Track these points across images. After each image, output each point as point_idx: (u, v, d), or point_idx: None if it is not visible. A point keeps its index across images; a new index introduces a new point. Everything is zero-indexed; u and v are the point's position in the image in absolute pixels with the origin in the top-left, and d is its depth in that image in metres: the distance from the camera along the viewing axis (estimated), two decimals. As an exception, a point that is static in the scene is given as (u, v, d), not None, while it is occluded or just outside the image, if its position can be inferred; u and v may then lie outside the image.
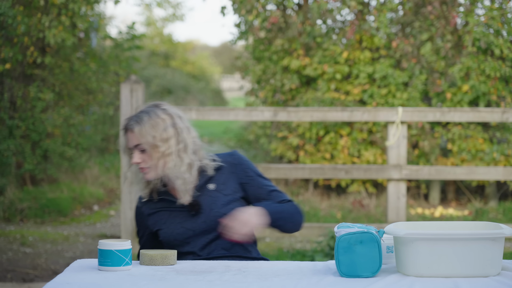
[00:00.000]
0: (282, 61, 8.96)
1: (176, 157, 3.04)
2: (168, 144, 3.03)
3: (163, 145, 3.02)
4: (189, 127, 3.12)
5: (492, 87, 8.09)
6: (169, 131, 3.04)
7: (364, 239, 2.63)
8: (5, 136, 8.40)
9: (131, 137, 3.03)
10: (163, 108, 3.08)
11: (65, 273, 2.74)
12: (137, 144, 3.03)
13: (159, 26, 25.38)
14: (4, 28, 7.98)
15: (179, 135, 3.06)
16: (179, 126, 3.07)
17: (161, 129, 3.03)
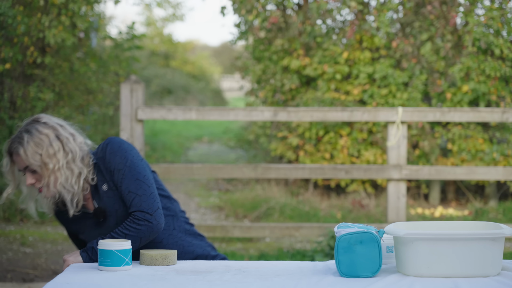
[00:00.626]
0: (282, 61, 8.96)
1: (66, 169, 3.00)
2: (56, 158, 2.98)
3: (51, 161, 2.97)
4: (74, 134, 3.08)
5: (492, 87, 8.09)
6: (54, 145, 2.98)
7: (364, 239, 2.63)
8: (5, 136, 8.40)
9: (18, 160, 2.97)
10: (43, 122, 3.01)
11: (65, 273, 2.74)
12: (26, 166, 2.97)
13: (159, 26, 25.38)
14: (4, 28, 7.98)
15: (65, 146, 3.01)
16: (63, 136, 3.02)
17: (46, 146, 2.97)
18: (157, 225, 2.98)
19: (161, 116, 6.41)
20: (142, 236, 2.97)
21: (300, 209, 8.17)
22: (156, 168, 6.45)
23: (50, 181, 2.98)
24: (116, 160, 3.04)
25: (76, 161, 3.01)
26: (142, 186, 3.00)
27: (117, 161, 3.03)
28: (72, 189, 3.02)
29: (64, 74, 9.31)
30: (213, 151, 14.48)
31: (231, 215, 8.54)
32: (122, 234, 2.96)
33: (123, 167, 3.02)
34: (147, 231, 2.97)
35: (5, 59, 8.09)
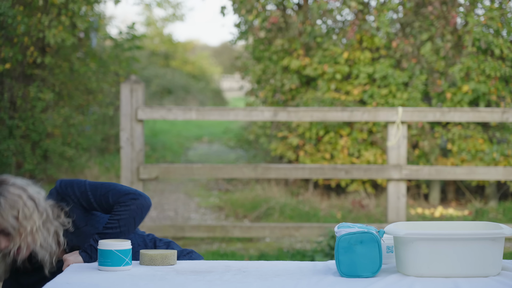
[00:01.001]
0: (282, 61, 8.96)
1: (44, 230, 2.94)
2: (32, 219, 2.91)
3: (28, 222, 2.90)
4: (39, 191, 3.00)
5: (492, 87, 8.09)
6: (29, 205, 2.91)
7: (364, 239, 2.63)
8: (5, 136, 8.40)
9: None
10: (12, 183, 2.92)
11: (65, 273, 2.74)
12: (1, 230, 2.90)
13: (159, 26, 25.38)
14: (4, 28, 7.98)
15: (38, 206, 2.94)
16: (34, 196, 2.94)
17: (21, 207, 2.90)
18: (144, 199, 2.99)
19: (161, 116, 6.41)
20: (135, 216, 2.96)
21: (300, 209, 8.17)
22: (156, 168, 6.45)
23: (28, 241, 2.91)
24: (76, 189, 3.04)
25: (50, 219, 2.96)
26: (110, 184, 3.04)
27: (77, 189, 3.04)
28: (50, 248, 2.97)
29: (64, 74, 9.31)
30: (213, 151, 14.48)
31: (231, 215, 8.54)
32: (115, 221, 2.95)
33: (85, 188, 3.04)
34: (137, 208, 2.97)
35: (5, 59, 8.09)
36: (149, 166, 6.43)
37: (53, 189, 3.09)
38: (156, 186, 10.56)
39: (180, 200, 9.56)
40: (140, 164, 6.40)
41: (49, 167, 8.93)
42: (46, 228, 2.94)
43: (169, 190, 10.32)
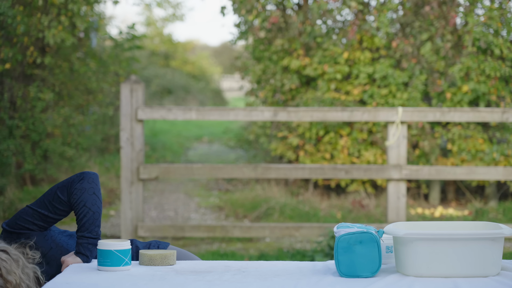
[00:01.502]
0: (282, 61, 8.96)
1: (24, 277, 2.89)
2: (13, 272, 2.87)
3: (12, 276, 2.86)
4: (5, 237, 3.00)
5: (492, 87, 8.09)
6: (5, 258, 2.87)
7: (364, 239, 2.63)
8: (5, 136, 8.40)
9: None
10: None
11: (65, 273, 2.74)
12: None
13: (159, 26, 25.38)
14: (4, 28, 7.98)
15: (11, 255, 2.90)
16: (4, 246, 2.90)
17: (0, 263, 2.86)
18: (88, 172, 3.03)
19: (161, 116, 6.41)
20: (93, 191, 2.99)
21: (300, 209, 8.17)
22: (156, 168, 6.45)
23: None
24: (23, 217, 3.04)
25: (26, 264, 2.92)
26: (51, 189, 3.06)
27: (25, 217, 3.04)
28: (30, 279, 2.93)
29: (64, 74, 9.31)
30: (213, 151, 14.48)
31: (231, 215, 8.54)
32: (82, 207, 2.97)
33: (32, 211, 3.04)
34: (89, 183, 3.00)
35: (5, 59, 8.09)
36: (149, 166, 6.43)
37: (0, 234, 3.04)
38: (156, 186, 10.56)
39: (180, 200, 9.56)
40: (140, 164, 6.40)
41: (49, 167, 8.93)
42: (26, 274, 2.90)
43: (169, 190, 10.32)
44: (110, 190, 9.91)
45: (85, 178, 3.02)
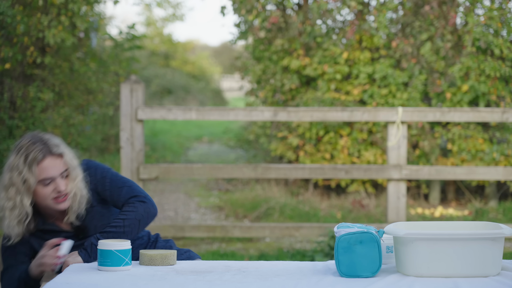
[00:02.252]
0: (282, 61, 8.96)
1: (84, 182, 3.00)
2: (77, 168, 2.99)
3: (76, 168, 2.97)
4: None
5: (492, 87, 8.09)
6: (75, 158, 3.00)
7: (364, 239, 2.63)
8: (5, 136, 8.39)
9: (58, 164, 2.91)
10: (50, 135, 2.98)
11: (65, 273, 2.74)
12: (64, 171, 2.93)
13: (159, 26, 25.38)
14: (4, 28, 7.98)
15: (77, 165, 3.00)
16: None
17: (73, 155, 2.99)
18: (152, 205, 3.00)
19: (161, 116, 6.41)
20: (140, 218, 2.96)
21: (300, 209, 8.17)
22: (156, 168, 6.45)
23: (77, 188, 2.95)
24: (98, 172, 3.05)
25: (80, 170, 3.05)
26: (129, 181, 3.05)
27: (99, 173, 3.05)
28: (86, 195, 3.01)
29: (64, 74, 9.31)
30: (213, 151, 14.48)
31: (231, 215, 8.54)
32: (120, 220, 2.95)
33: (107, 175, 3.05)
34: (144, 212, 2.97)
35: (5, 59, 8.09)
36: (149, 166, 6.43)
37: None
38: (156, 186, 10.56)
39: (180, 200, 9.56)
40: (140, 164, 6.40)
41: (49, 167, 8.92)
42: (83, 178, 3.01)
43: (169, 190, 10.32)
44: (110, 190, 9.89)
45: (146, 205, 3.00)
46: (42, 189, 2.91)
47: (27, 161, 2.88)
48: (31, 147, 2.90)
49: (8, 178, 2.91)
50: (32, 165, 2.88)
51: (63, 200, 2.93)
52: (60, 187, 2.91)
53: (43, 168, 2.89)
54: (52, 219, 3.04)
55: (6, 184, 2.92)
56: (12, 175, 2.90)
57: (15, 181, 2.89)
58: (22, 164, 2.89)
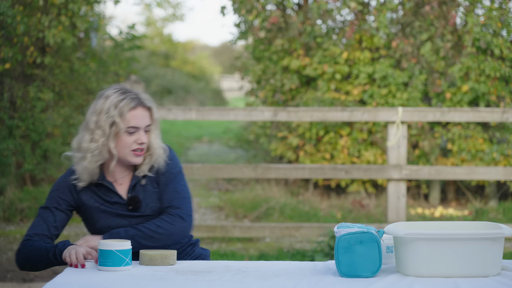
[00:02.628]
0: (282, 61, 8.96)
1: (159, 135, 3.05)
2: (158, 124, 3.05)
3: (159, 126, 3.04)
4: None
5: (491, 87, 8.09)
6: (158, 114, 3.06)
7: (364, 239, 2.63)
8: (5, 136, 8.39)
9: (145, 116, 2.96)
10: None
11: (65, 273, 2.74)
12: (149, 125, 2.98)
13: (159, 26, 25.38)
14: (4, 28, 7.98)
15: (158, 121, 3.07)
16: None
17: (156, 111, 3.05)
18: (188, 226, 3.01)
19: (161, 116, 6.41)
20: (173, 233, 2.97)
21: (300, 209, 8.17)
22: (156, 168, 6.44)
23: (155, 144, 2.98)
24: (173, 163, 3.07)
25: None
26: (187, 192, 3.06)
27: (173, 165, 3.07)
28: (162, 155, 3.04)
29: (64, 74, 9.31)
30: (213, 151, 14.48)
31: (231, 215, 8.54)
32: (155, 225, 2.95)
33: (175, 171, 3.06)
34: (179, 229, 2.98)
35: (5, 59, 8.09)
36: (149, 166, 6.42)
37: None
38: (156, 186, 10.54)
39: (180, 200, 9.55)
40: (140, 164, 6.39)
41: (49, 167, 8.93)
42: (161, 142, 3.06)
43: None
44: (110, 190, 9.90)
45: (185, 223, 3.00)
46: (125, 137, 2.94)
47: (118, 106, 2.92)
48: (123, 94, 2.94)
49: (95, 121, 2.93)
50: (123, 111, 2.91)
51: (141, 154, 2.96)
52: (142, 139, 2.94)
53: (134, 116, 2.93)
54: (111, 178, 3.04)
55: (92, 127, 2.93)
56: (99, 119, 2.92)
57: (102, 124, 2.92)
58: (112, 108, 2.91)
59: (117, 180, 3.05)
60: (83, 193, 3.03)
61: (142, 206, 3.02)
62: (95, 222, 3.03)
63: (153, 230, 2.94)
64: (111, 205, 3.03)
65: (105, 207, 3.02)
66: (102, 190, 3.03)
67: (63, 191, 3.03)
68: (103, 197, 3.03)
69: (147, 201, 3.03)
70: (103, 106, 2.94)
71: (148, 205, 3.03)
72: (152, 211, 3.02)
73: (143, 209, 3.02)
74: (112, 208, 3.02)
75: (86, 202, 3.03)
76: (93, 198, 3.03)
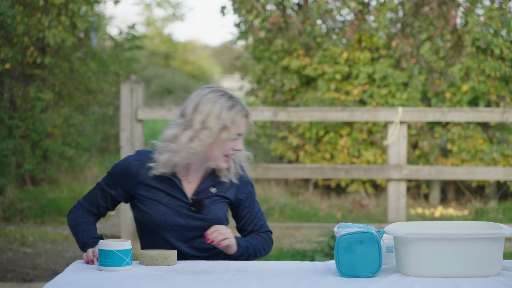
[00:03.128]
0: (282, 61, 8.96)
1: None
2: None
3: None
4: None
5: (492, 87, 8.09)
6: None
7: (364, 239, 2.63)
8: (5, 136, 8.40)
9: (246, 124, 2.99)
10: None
11: (65, 273, 2.74)
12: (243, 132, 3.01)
13: (159, 26, 25.38)
14: (4, 28, 7.98)
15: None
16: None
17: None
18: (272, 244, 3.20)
19: (161, 116, 6.41)
20: (265, 253, 3.14)
21: (300, 209, 8.17)
22: (156, 168, 6.44)
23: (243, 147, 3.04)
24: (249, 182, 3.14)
25: None
26: (262, 212, 3.19)
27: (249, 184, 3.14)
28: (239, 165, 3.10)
29: (64, 74, 9.31)
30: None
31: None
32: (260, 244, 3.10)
33: (253, 194, 3.15)
34: (269, 249, 3.16)
35: (5, 59, 8.09)
36: (149, 166, 6.42)
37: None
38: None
39: (180, 200, 9.56)
40: (140, 164, 6.39)
41: (49, 167, 8.93)
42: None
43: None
44: (110, 190, 9.90)
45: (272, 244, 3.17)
46: (229, 143, 2.97)
47: (231, 112, 2.93)
48: (231, 99, 2.96)
49: (201, 121, 2.92)
50: (236, 118, 2.93)
51: (229, 160, 3.01)
52: (239, 146, 2.97)
53: (242, 124, 2.96)
54: (182, 176, 3.03)
55: (197, 127, 2.92)
56: (207, 120, 2.92)
57: (212, 126, 2.92)
58: (225, 113, 2.92)
59: (187, 178, 3.03)
60: (146, 184, 3.00)
61: (205, 210, 3.03)
62: (151, 215, 3.00)
63: (258, 248, 3.09)
64: (174, 201, 3.00)
65: (167, 201, 2.99)
66: (168, 185, 3.00)
67: (124, 177, 3.01)
68: (167, 192, 2.99)
69: (209, 206, 3.03)
70: (212, 109, 2.92)
71: (210, 211, 3.03)
72: (213, 216, 3.03)
73: (205, 213, 3.03)
74: (173, 205, 2.99)
75: (147, 193, 2.99)
76: (156, 190, 3.00)
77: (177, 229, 3.01)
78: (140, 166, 3.00)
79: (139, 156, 3.03)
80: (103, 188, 3.04)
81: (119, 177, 3.02)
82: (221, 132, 2.93)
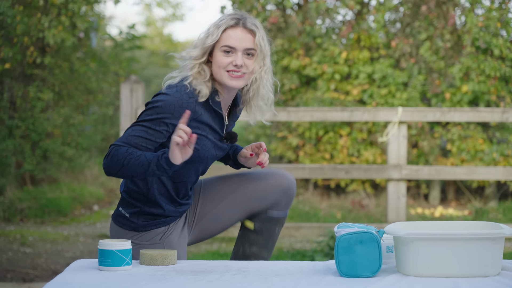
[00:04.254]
0: (282, 61, 8.96)
1: (270, 75, 2.95)
2: (268, 59, 2.92)
3: (266, 58, 2.90)
4: None
5: (491, 87, 8.09)
6: (268, 48, 2.93)
7: (364, 239, 2.63)
8: (5, 136, 8.40)
9: (247, 39, 2.85)
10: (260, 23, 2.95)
11: (65, 273, 2.74)
12: (250, 48, 2.86)
13: (159, 26, 25.38)
14: (4, 28, 7.98)
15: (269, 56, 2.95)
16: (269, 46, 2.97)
17: (267, 42, 2.93)
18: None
19: (161, 116, 6.40)
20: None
21: (300, 209, 8.17)
22: (156, 168, 6.44)
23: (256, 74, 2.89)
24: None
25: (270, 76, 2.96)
26: None
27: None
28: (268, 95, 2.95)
29: (64, 74, 9.31)
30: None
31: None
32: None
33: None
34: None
35: (5, 59, 8.09)
36: (149, 166, 6.41)
37: None
38: (156, 186, 10.54)
39: (180, 200, 9.55)
40: (140, 164, 6.39)
41: (49, 167, 8.93)
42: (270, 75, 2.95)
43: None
44: (110, 190, 9.91)
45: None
46: (220, 56, 2.84)
47: (218, 23, 2.86)
48: (230, 15, 2.89)
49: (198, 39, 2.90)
50: (219, 28, 2.85)
51: (238, 77, 2.86)
52: (237, 61, 2.83)
53: (230, 35, 2.84)
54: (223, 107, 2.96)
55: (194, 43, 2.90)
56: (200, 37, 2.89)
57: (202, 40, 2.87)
58: (213, 26, 2.86)
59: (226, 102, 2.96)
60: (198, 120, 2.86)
61: (233, 146, 3.05)
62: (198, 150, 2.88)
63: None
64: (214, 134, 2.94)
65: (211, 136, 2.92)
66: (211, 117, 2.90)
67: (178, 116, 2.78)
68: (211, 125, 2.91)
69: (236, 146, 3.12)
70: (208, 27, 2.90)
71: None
72: (229, 146, 3.02)
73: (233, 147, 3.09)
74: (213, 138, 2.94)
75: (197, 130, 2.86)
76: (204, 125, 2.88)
77: (209, 161, 2.96)
78: (195, 103, 2.84)
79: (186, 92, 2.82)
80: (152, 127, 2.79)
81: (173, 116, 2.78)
82: (206, 40, 2.85)
